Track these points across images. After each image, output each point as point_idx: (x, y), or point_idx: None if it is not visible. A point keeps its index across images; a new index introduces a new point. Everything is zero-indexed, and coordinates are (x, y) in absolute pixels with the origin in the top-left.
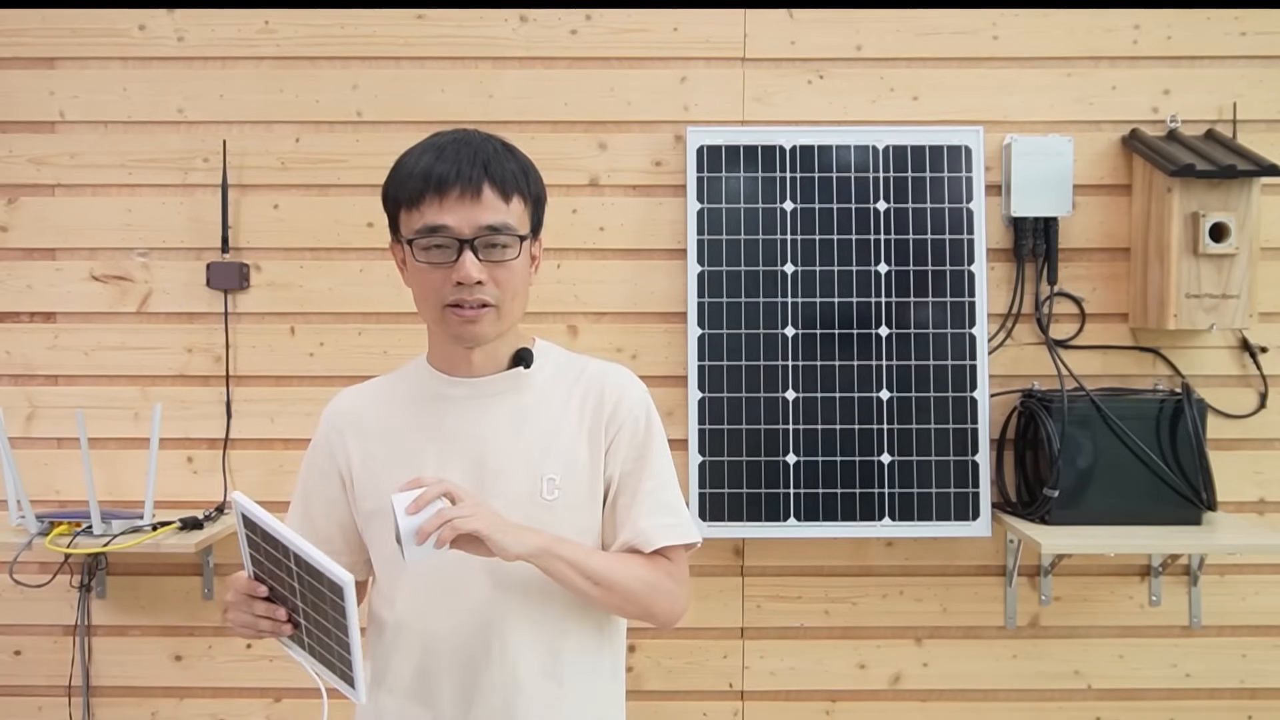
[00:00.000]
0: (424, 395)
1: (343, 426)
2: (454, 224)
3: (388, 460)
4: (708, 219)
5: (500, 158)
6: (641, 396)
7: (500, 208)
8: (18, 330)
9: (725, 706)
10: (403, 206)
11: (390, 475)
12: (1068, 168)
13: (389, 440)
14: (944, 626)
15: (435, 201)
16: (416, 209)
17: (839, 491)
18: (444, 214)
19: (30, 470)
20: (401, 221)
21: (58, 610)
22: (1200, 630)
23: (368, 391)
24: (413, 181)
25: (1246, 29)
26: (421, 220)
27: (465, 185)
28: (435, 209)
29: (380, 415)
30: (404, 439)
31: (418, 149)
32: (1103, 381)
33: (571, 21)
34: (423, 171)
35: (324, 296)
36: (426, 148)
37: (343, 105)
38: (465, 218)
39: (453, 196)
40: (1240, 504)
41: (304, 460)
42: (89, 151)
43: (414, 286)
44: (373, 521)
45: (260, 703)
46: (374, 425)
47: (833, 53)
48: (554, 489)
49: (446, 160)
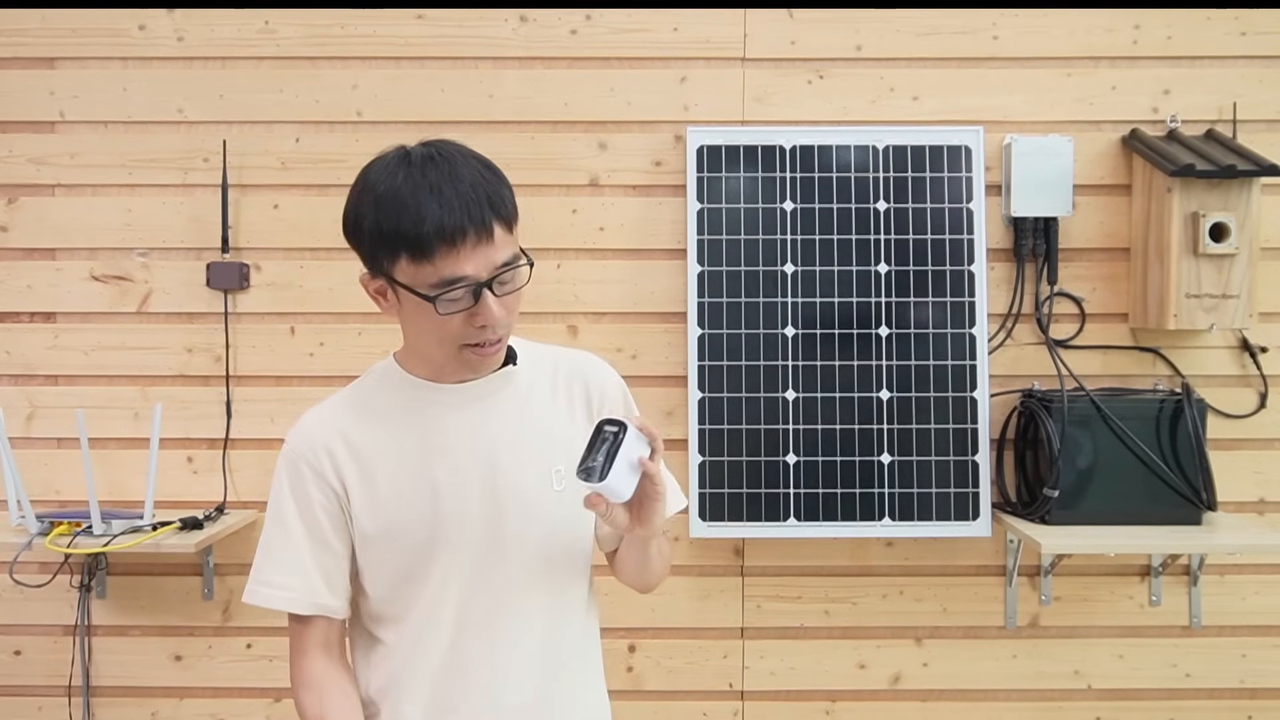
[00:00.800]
0: (414, 404)
1: (330, 448)
2: (473, 272)
3: (393, 476)
4: (708, 219)
5: (491, 185)
6: (618, 379)
7: (508, 240)
8: (18, 330)
9: (725, 706)
10: (403, 254)
11: (397, 491)
12: (1068, 168)
13: (387, 456)
14: (944, 626)
15: (451, 254)
16: (429, 262)
17: (839, 491)
18: (462, 264)
19: (30, 470)
20: (402, 270)
21: (58, 610)
22: (1200, 630)
23: (339, 409)
24: (420, 233)
25: (1246, 29)
26: (438, 274)
27: (478, 231)
28: (452, 261)
29: (368, 432)
30: (404, 452)
31: (402, 183)
32: (1103, 381)
33: (571, 21)
34: (433, 222)
35: (324, 296)
36: (417, 186)
37: (343, 105)
38: (483, 263)
39: (468, 246)
40: (1240, 504)
41: (283, 495)
42: (89, 151)
43: (419, 326)
44: (375, 544)
45: (260, 703)
46: (364, 442)
47: (833, 53)
48: (560, 479)
49: (449, 205)
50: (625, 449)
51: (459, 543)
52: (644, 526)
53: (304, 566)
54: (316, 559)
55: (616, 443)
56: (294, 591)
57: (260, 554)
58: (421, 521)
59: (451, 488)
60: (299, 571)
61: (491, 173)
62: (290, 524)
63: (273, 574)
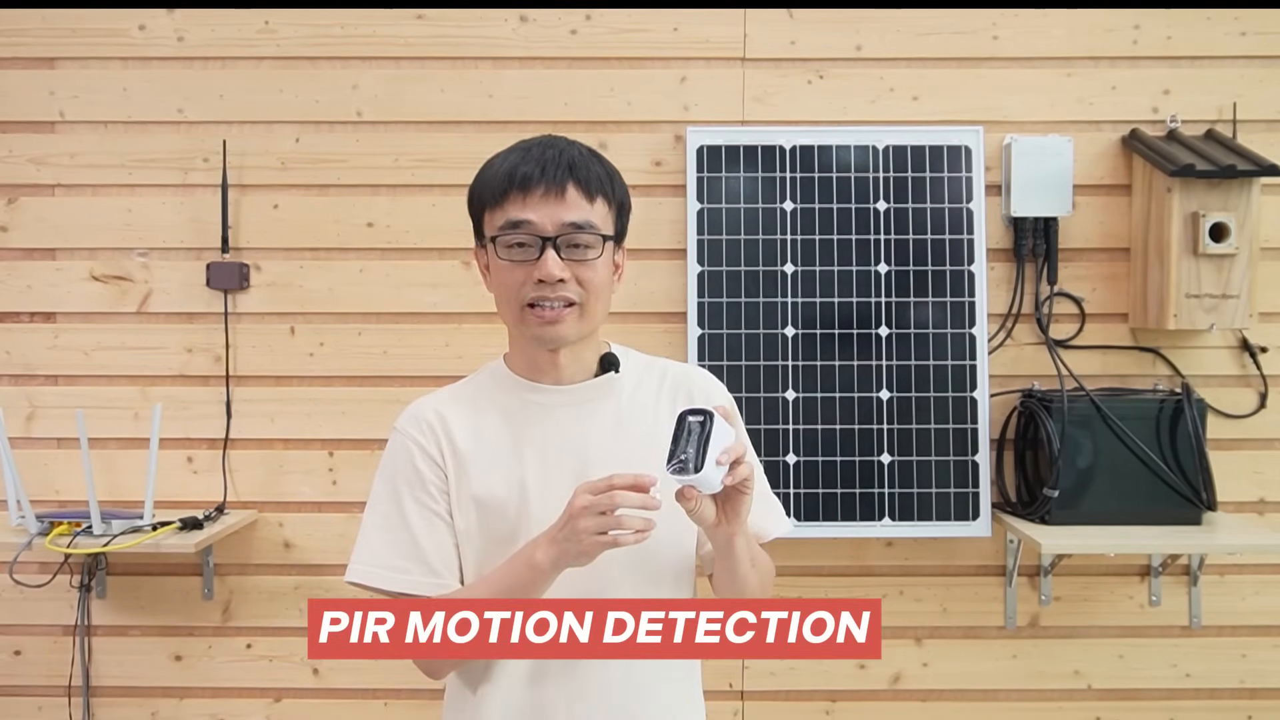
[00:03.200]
0: (514, 404)
1: (434, 429)
2: (537, 220)
3: (484, 472)
4: (708, 219)
5: (586, 160)
6: (725, 394)
7: (584, 206)
8: (18, 330)
9: (725, 706)
10: (486, 206)
11: (488, 486)
12: (1068, 168)
13: (481, 451)
14: (944, 626)
15: (519, 198)
16: (500, 207)
17: (839, 491)
18: (527, 210)
19: (30, 470)
20: (485, 222)
21: (58, 610)
22: (1200, 630)
23: (447, 402)
24: (497, 180)
25: (1246, 29)
26: (504, 216)
27: (550, 183)
28: (519, 205)
29: (466, 425)
30: (496, 448)
31: (504, 152)
32: (1103, 381)
33: (571, 21)
34: (507, 170)
35: (324, 296)
36: (512, 150)
37: (343, 105)
38: (549, 215)
39: (537, 194)
40: (1240, 504)
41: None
42: (89, 151)
43: (496, 287)
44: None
45: (260, 703)
46: (461, 434)
47: (833, 53)
48: (655, 491)
49: (531, 160)
50: (715, 439)
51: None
52: (731, 522)
53: (420, 548)
54: (432, 539)
55: (705, 432)
56: (411, 574)
57: (371, 532)
58: (506, 520)
59: (538, 489)
60: (415, 554)
61: (593, 153)
62: (405, 503)
63: (389, 555)
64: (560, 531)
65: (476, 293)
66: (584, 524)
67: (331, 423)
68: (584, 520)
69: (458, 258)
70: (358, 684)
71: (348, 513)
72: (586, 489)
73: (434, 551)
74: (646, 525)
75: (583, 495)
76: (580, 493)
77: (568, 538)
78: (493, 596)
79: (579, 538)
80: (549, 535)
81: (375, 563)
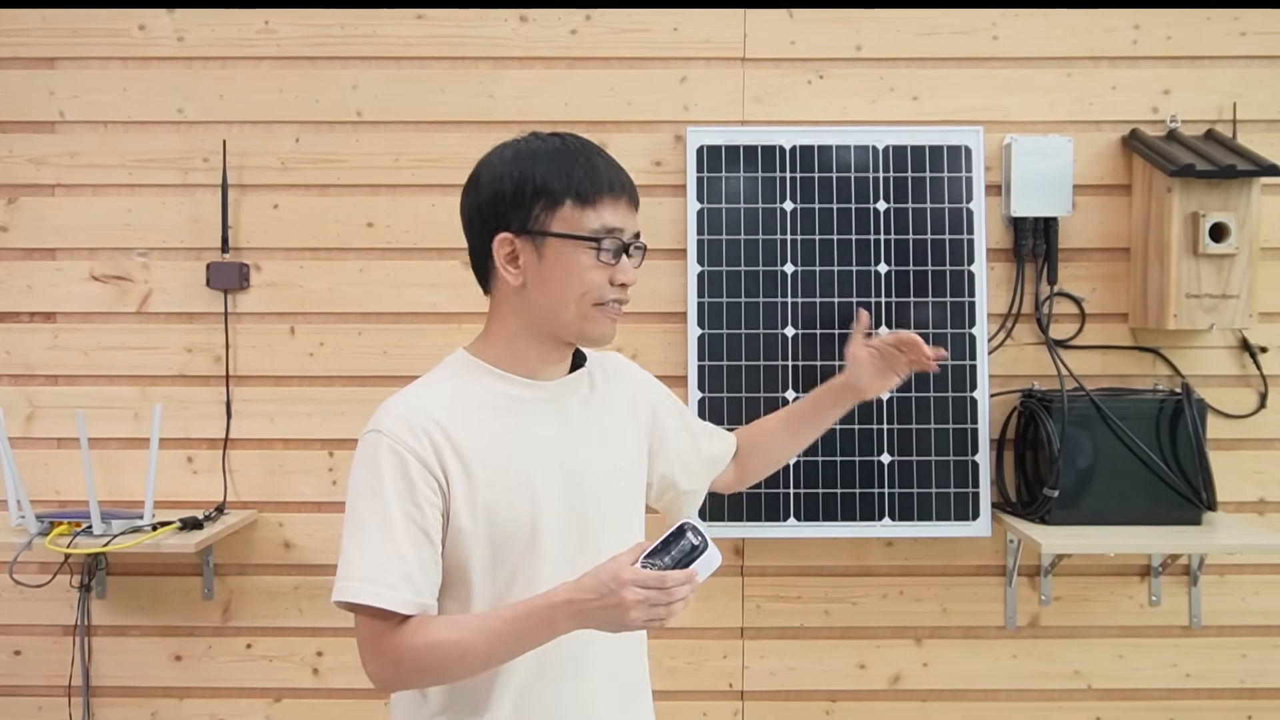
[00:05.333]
0: (502, 401)
1: (431, 436)
2: (626, 227)
3: (491, 475)
4: (708, 219)
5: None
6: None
7: (636, 219)
8: (18, 330)
9: (725, 706)
10: (569, 201)
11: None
12: (1068, 168)
13: (484, 453)
14: (944, 626)
15: (612, 204)
16: (593, 208)
17: (839, 491)
18: (620, 217)
19: (30, 470)
20: (560, 216)
21: (58, 610)
22: (1200, 630)
23: (431, 400)
24: (588, 180)
25: (1246, 29)
26: (600, 220)
27: (631, 195)
28: (612, 211)
29: (462, 426)
30: (500, 450)
31: (568, 144)
32: (1103, 381)
33: (571, 21)
34: (604, 172)
35: (324, 296)
36: (584, 147)
37: (343, 105)
38: (631, 223)
39: (623, 201)
40: (1240, 504)
41: (383, 485)
42: (89, 151)
43: (559, 281)
44: (469, 540)
45: (260, 703)
46: (461, 436)
47: (833, 53)
48: (623, 475)
49: (612, 164)
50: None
51: (550, 543)
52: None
53: (406, 562)
54: (418, 554)
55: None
56: (398, 590)
57: (354, 547)
58: (520, 521)
59: (544, 487)
60: (402, 569)
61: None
62: (393, 516)
63: (374, 570)
64: (599, 611)
65: (476, 292)
66: (636, 615)
67: (331, 423)
68: (637, 611)
69: (458, 258)
70: (358, 684)
71: None
72: (634, 581)
73: (418, 568)
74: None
75: (632, 589)
76: (627, 585)
77: (609, 620)
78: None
79: (627, 624)
80: (577, 607)
81: (361, 577)
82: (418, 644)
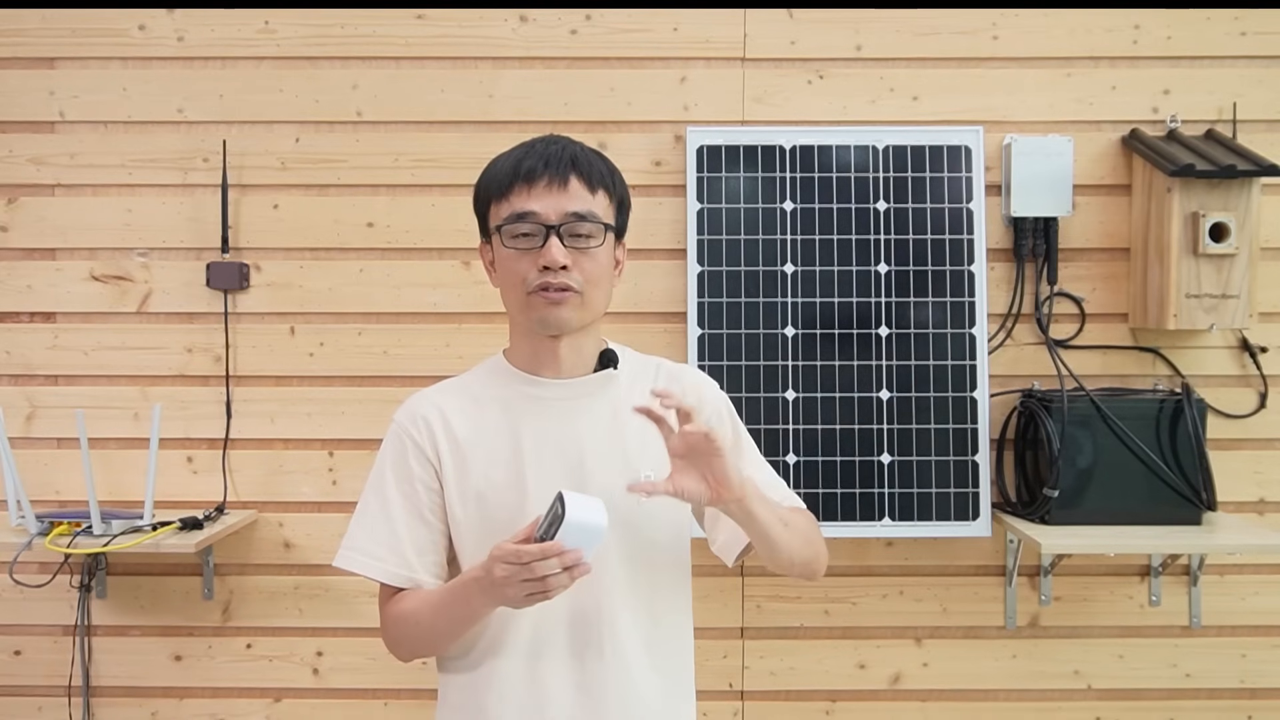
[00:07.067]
0: (514, 397)
1: (430, 423)
2: (541, 210)
3: (484, 466)
4: (708, 219)
5: (588, 155)
6: (719, 393)
7: (586, 197)
8: (18, 330)
9: (725, 706)
10: (492, 199)
11: (490, 481)
12: (1067, 168)
13: (480, 445)
14: (944, 626)
15: (524, 190)
16: (505, 199)
17: (839, 491)
18: (531, 201)
19: (30, 470)
20: (491, 215)
21: (58, 610)
22: (1200, 630)
23: (447, 394)
24: (502, 174)
25: (1246, 29)
26: (510, 208)
27: (554, 174)
28: (523, 197)
29: (465, 418)
30: (496, 444)
31: (507, 151)
32: (1103, 381)
33: (571, 21)
34: (512, 164)
35: (324, 296)
36: (516, 148)
37: (343, 105)
38: (552, 205)
39: (541, 185)
40: (1240, 504)
41: (385, 466)
42: (89, 151)
43: (502, 277)
44: (464, 528)
45: (260, 703)
46: (461, 427)
47: (833, 53)
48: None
49: (535, 154)
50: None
51: None
52: (725, 486)
53: (397, 538)
54: (410, 532)
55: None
56: (385, 562)
57: (355, 521)
58: (509, 514)
59: (536, 481)
60: (391, 543)
61: (595, 151)
62: (389, 495)
63: (366, 542)
64: (491, 589)
65: (476, 293)
66: (511, 592)
67: (331, 423)
68: (510, 589)
69: (458, 258)
70: (358, 684)
71: (348, 513)
72: (498, 557)
73: (410, 544)
74: (577, 573)
75: (500, 566)
76: (496, 562)
77: (498, 597)
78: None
79: (510, 600)
80: (481, 585)
81: (354, 547)
82: (393, 612)
